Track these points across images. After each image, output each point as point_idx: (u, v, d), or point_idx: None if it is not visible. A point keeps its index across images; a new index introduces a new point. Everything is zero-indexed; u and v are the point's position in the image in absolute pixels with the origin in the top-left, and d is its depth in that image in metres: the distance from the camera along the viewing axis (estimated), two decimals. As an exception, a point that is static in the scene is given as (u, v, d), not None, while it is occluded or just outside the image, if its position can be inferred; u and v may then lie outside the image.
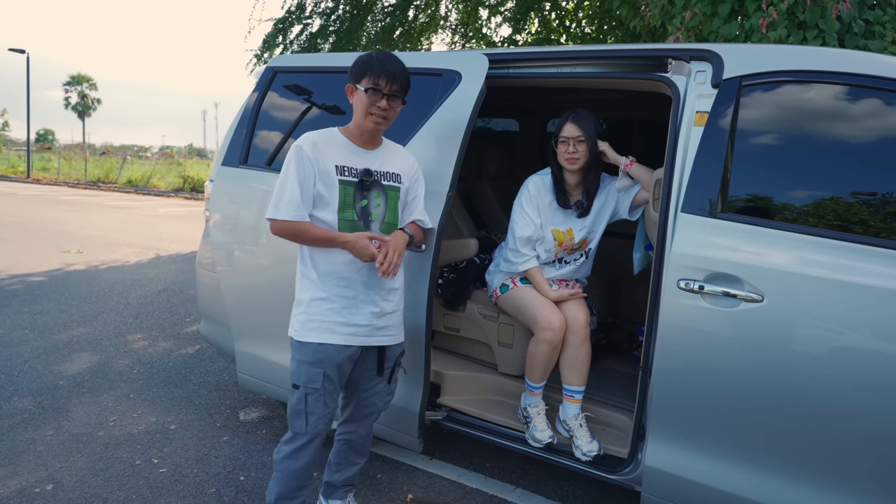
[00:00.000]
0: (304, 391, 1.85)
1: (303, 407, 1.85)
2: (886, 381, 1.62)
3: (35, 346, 4.01)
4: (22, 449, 2.68)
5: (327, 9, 8.41)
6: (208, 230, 2.96)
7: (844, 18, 3.78)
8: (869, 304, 1.65)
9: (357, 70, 1.84)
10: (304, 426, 1.86)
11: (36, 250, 7.41)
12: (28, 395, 3.24)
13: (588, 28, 8.22)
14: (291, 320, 1.93)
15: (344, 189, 1.85)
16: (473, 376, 2.66)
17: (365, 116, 1.84)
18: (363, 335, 1.90)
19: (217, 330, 3.01)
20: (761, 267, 1.78)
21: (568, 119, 2.36)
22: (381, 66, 1.80)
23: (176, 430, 2.95)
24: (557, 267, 2.49)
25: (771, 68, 1.89)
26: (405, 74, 1.85)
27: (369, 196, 1.89)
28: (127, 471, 2.55)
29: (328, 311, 1.86)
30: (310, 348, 1.85)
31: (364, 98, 1.82)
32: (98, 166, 23.50)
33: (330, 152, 1.85)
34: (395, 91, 1.83)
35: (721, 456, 1.86)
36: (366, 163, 1.90)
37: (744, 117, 1.90)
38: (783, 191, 1.87)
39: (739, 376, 1.80)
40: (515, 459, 2.76)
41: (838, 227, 1.76)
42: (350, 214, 1.86)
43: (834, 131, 1.82)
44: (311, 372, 1.85)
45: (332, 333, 1.86)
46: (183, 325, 4.68)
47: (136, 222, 10.97)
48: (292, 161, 1.81)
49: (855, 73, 1.78)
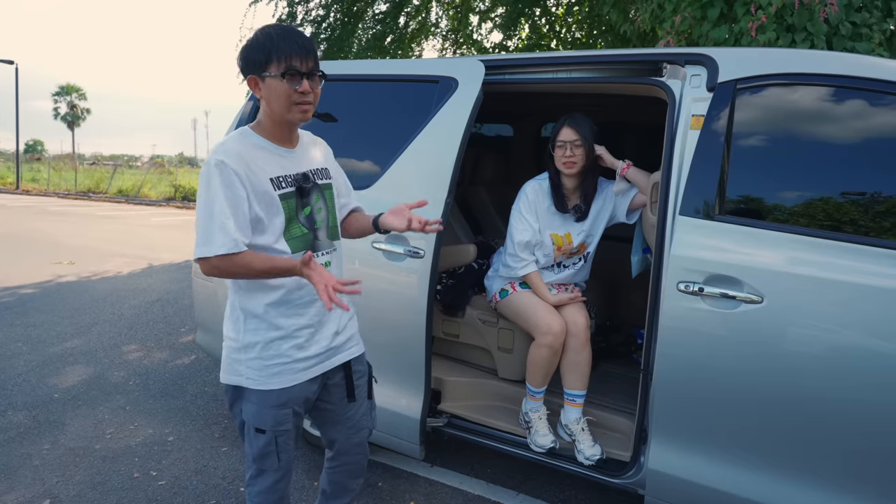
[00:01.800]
0: (274, 434, 1.61)
1: (273, 448, 1.63)
2: (887, 380, 1.64)
3: (28, 358, 3.96)
4: (18, 464, 2.65)
5: (318, 17, 8.43)
6: (204, 239, 2.94)
7: (832, 21, 3.83)
8: (866, 303, 1.67)
9: (256, 57, 1.48)
10: (277, 463, 1.65)
11: (27, 262, 7.34)
12: (23, 409, 3.20)
13: (578, 33, 8.29)
14: (234, 365, 1.60)
15: (286, 204, 1.55)
16: (474, 382, 2.66)
17: (289, 108, 1.50)
18: (326, 359, 1.69)
19: (214, 339, 2.99)
20: (760, 268, 1.79)
21: (565, 124, 2.38)
22: (287, 45, 1.47)
23: (174, 441, 2.92)
24: (556, 271, 2.49)
25: (765, 71, 1.91)
26: (314, 47, 1.54)
27: (310, 202, 1.63)
28: (125, 484, 2.52)
29: (291, 349, 1.60)
30: (273, 394, 1.60)
31: (281, 86, 1.47)
32: (88, 176, 23.38)
33: (258, 165, 1.51)
34: (312, 67, 1.50)
35: (724, 457, 1.87)
36: (297, 166, 1.61)
37: (739, 120, 1.92)
38: (780, 192, 1.89)
39: (740, 377, 1.80)
40: (517, 465, 2.76)
41: (835, 228, 1.78)
42: (298, 230, 1.59)
43: (828, 132, 1.84)
44: (279, 415, 1.61)
45: (297, 373, 1.62)
46: (178, 336, 4.64)
47: (129, 232, 10.90)
48: (215, 181, 1.45)
49: (847, 75, 1.80)
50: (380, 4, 8.71)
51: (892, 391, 1.63)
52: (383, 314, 2.32)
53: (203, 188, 1.48)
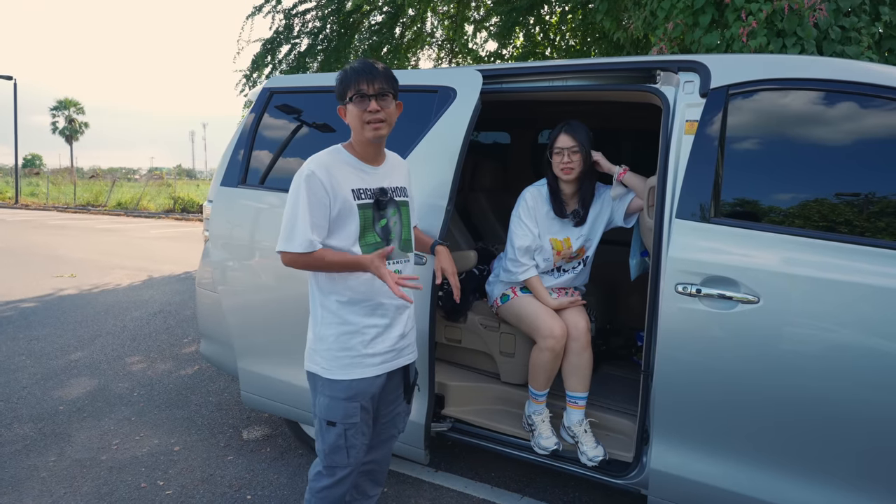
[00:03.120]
0: (344, 427, 1.77)
1: (343, 442, 1.78)
2: (883, 378, 1.67)
3: (33, 371, 3.98)
4: (25, 476, 2.67)
5: (315, 28, 8.50)
6: (208, 250, 2.98)
7: (821, 26, 3.89)
8: (861, 302, 1.70)
9: (339, 89, 1.77)
10: (346, 459, 1.80)
11: (29, 276, 7.36)
12: (28, 422, 3.22)
13: (572, 41, 8.37)
14: (312, 355, 1.82)
15: (363, 213, 1.76)
16: (477, 386, 2.69)
17: (363, 127, 1.74)
18: (391, 360, 1.85)
19: (218, 349, 3.02)
20: (756, 269, 1.82)
21: (562, 131, 2.42)
22: (356, 74, 1.72)
23: (180, 451, 2.94)
24: (556, 275, 2.53)
25: (756, 77, 1.95)
26: (385, 72, 1.75)
27: (386, 215, 1.82)
28: (133, 494, 2.54)
29: (358, 343, 1.78)
30: (342, 385, 1.77)
31: (354, 109, 1.73)
32: (87, 190, 23.39)
33: (343, 176, 1.75)
34: (380, 89, 1.72)
35: (726, 456, 1.89)
36: (377, 181, 1.82)
37: (732, 124, 1.96)
38: (773, 194, 1.93)
39: (739, 376, 1.84)
40: (521, 468, 2.78)
41: (829, 228, 1.81)
42: (372, 237, 1.79)
43: (818, 135, 1.89)
44: (349, 407, 1.77)
45: (365, 367, 1.78)
46: (181, 346, 4.66)
47: (129, 244, 10.92)
48: (303, 188, 1.70)
49: (836, 79, 1.85)
50: (376, 15, 8.79)
51: (889, 390, 1.67)
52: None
53: (293, 192, 1.72)
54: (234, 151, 2.94)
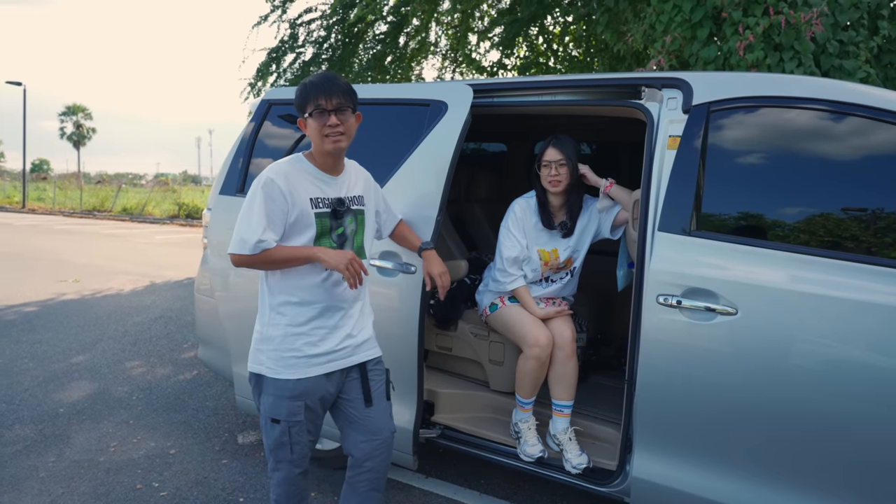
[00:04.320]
0: (288, 424, 1.81)
1: (287, 439, 1.82)
2: (859, 389, 1.71)
3: (35, 374, 4.05)
4: (25, 475, 2.73)
5: (319, 38, 8.61)
6: (206, 257, 3.04)
7: (819, 39, 3.93)
8: (835, 314, 1.75)
9: (298, 102, 1.81)
10: (290, 454, 1.84)
11: (33, 280, 7.45)
12: (29, 423, 3.28)
13: (575, 51, 8.46)
14: (257, 355, 1.85)
15: (320, 221, 1.82)
16: (466, 394, 2.73)
17: (322, 140, 1.79)
18: (340, 357, 1.87)
19: (215, 354, 3.08)
20: (734, 281, 1.87)
21: (549, 144, 2.48)
22: (315, 90, 1.77)
23: (175, 454, 2.99)
24: (544, 286, 2.58)
25: (736, 94, 2.01)
26: (342, 86, 1.80)
27: (343, 223, 1.87)
28: (128, 495, 2.59)
29: (304, 344, 1.81)
30: (288, 384, 1.80)
31: (313, 122, 1.78)
32: (93, 195, 23.61)
33: (302, 185, 1.80)
34: (337, 105, 1.77)
35: (706, 465, 1.93)
36: (336, 191, 1.87)
37: (713, 140, 2.02)
38: (752, 208, 1.98)
39: (718, 387, 1.88)
40: (510, 476, 2.82)
41: (805, 242, 1.86)
42: (328, 244, 1.83)
43: (796, 151, 1.94)
44: (293, 406, 1.80)
45: (310, 367, 1.81)
46: (180, 351, 4.72)
47: (133, 250, 11.03)
48: (260, 193, 1.74)
49: (812, 97, 1.91)
50: (380, 25, 8.90)
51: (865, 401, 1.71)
52: (378, 327, 2.40)
53: (249, 197, 1.77)
54: (233, 160, 3.01)
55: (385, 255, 2.41)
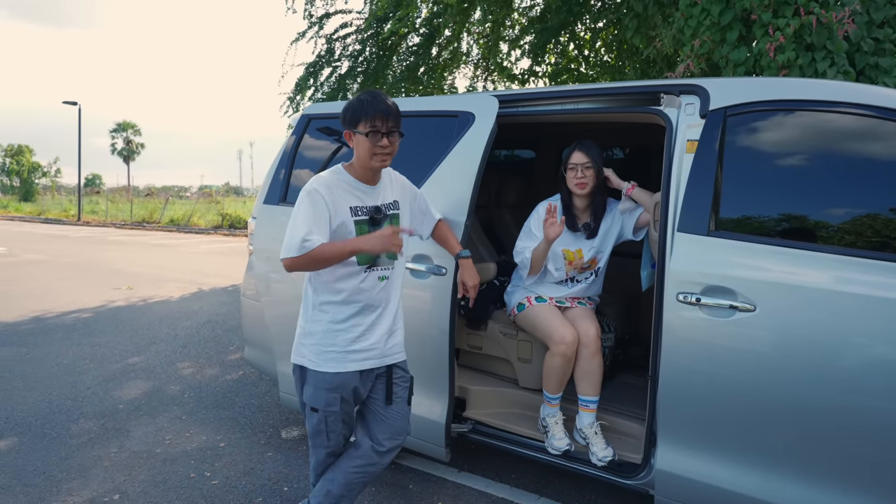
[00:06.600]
0: (324, 414, 1.98)
1: (324, 427, 2.00)
2: (874, 384, 1.75)
3: (96, 374, 4.36)
4: (90, 464, 2.97)
5: (355, 51, 8.89)
6: (252, 263, 3.25)
7: (853, 38, 3.86)
8: (852, 310, 1.80)
9: (351, 116, 1.91)
10: (326, 441, 2.03)
11: (91, 287, 7.92)
12: (92, 418, 3.55)
13: (607, 56, 8.48)
14: (300, 349, 2.01)
15: (360, 228, 1.96)
16: (496, 391, 2.85)
17: (370, 158, 1.91)
18: (376, 357, 2.01)
19: (260, 354, 3.28)
20: (752, 279, 1.94)
21: (575, 148, 2.59)
22: (374, 108, 1.87)
23: (225, 447, 3.20)
24: (570, 286, 2.68)
25: (752, 99, 2.08)
26: (395, 108, 1.92)
27: (381, 228, 1.98)
28: (183, 483, 2.81)
29: (344, 340, 1.96)
30: (326, 377, 1.95)
31: (365, 141, 1.89)
32: (143, 207, 24.69)
33: (342, 195, 1.94)
34: (392, 128, 1.90)
35: (727, 457, 1.99)
36: (373, 200, 2.01)
37: (730, 144, 2.09)
38: (768, 209, 2.04)
39: (737, 381, 1.95)
40: (540, 470, 2.91)
41: (820, 240, 1.92)
42: None
43: (811, 153, 2.00)
44: (330, 397, 1.96)
45: (348, 362, 1.96)
46: (227, 354, 4.98)
47: (180, 259, 11.54)
48: (306, 204, 1.88)
49: (830, 100, 1.96)
50: (413, 37, 9.12)
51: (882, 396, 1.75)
52: (410, 327, 2.53)
53: (296, 207, 1.91)
54: (275, 172, 3.22)
55: (417, 258, 2.56)
